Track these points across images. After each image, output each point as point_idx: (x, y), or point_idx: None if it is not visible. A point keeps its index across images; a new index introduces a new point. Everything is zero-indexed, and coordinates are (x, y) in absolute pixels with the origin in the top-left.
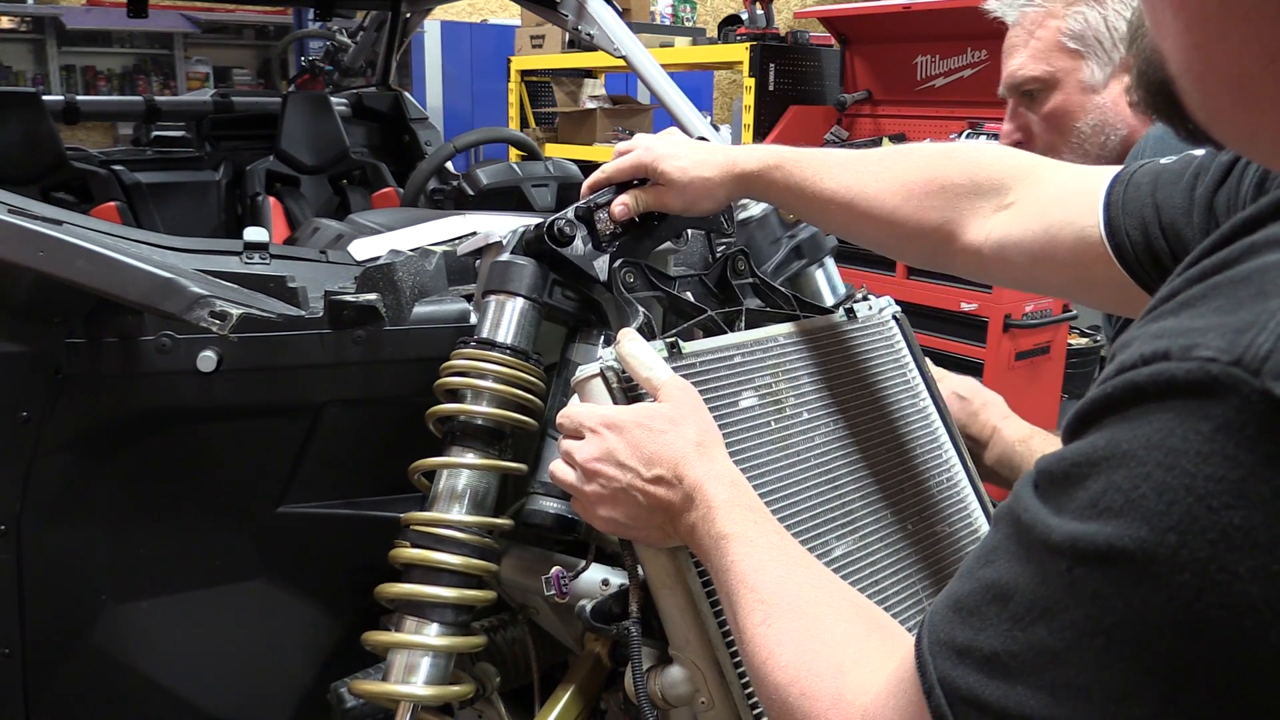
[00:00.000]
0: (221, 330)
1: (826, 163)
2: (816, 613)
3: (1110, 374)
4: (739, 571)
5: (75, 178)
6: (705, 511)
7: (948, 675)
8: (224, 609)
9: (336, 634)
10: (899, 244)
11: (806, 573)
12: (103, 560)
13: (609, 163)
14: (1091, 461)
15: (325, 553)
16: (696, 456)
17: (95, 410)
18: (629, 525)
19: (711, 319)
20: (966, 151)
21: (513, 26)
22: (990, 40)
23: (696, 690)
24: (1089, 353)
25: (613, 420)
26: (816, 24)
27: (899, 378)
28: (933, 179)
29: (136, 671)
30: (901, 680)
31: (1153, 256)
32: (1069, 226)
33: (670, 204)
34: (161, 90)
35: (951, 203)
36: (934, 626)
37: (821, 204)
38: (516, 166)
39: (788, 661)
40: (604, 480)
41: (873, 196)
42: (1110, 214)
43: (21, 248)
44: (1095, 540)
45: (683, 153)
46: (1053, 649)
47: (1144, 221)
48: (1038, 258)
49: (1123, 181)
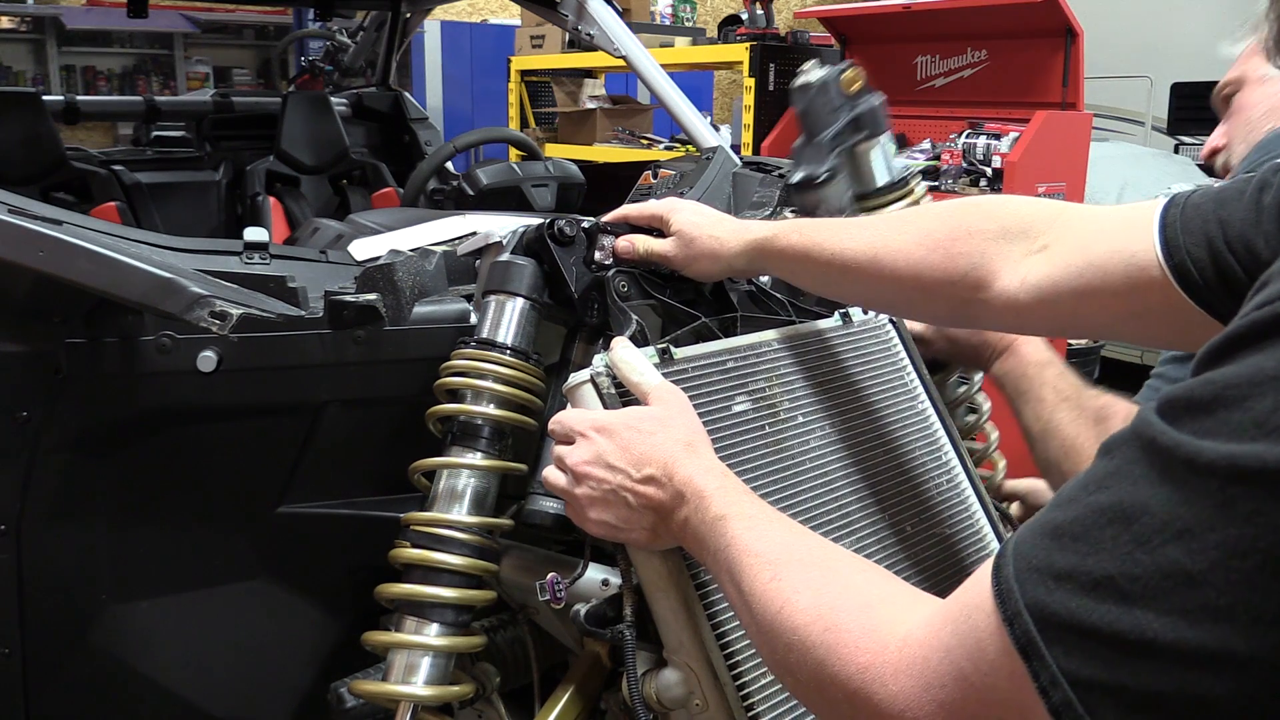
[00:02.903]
0: (221, 330)
1: (844, 224)
2: (831, 564)
3: (1272, 297)
4: (741, 543)
5: (75, 178)
6: (698, 502)
7: (1041, 601)
8: (224, 609)
9: (336, 634)
10: (926, 301)
11: (812, 536)
12: (103, 560)
13: (634, 205)
14: (1255, 382)
15: (325, 553)
16: (685, 455)
17: (95, 410)
18: (620, 528)
19: (706, 325)
20: (990, 199)
21: (513, 26)
22: (990, 40)
23: (691, 693)
24: (1089, 353)
25: (602, 424)
26: (816, 24)
27: (896, 381)
28: (957, 227)
29: (136, 671)
30: (965, 607)
31: (1220, 273)
32: (1116, 255)
33: (674, 256)
34: (161, 90)
35: (980, 249)
36: (1023, 554)
37: (840, 266)
38: (516, 166)
39: (806, 604)
40: (594, 483)
41: (895, 250)
42: (1167, 235)
43: (21, 248)
44: (1264, 458)
45: (703, 216)
46: (1188, 570)
47: (1209, 238)
48: (1082, 294)
49: (1178, 205)
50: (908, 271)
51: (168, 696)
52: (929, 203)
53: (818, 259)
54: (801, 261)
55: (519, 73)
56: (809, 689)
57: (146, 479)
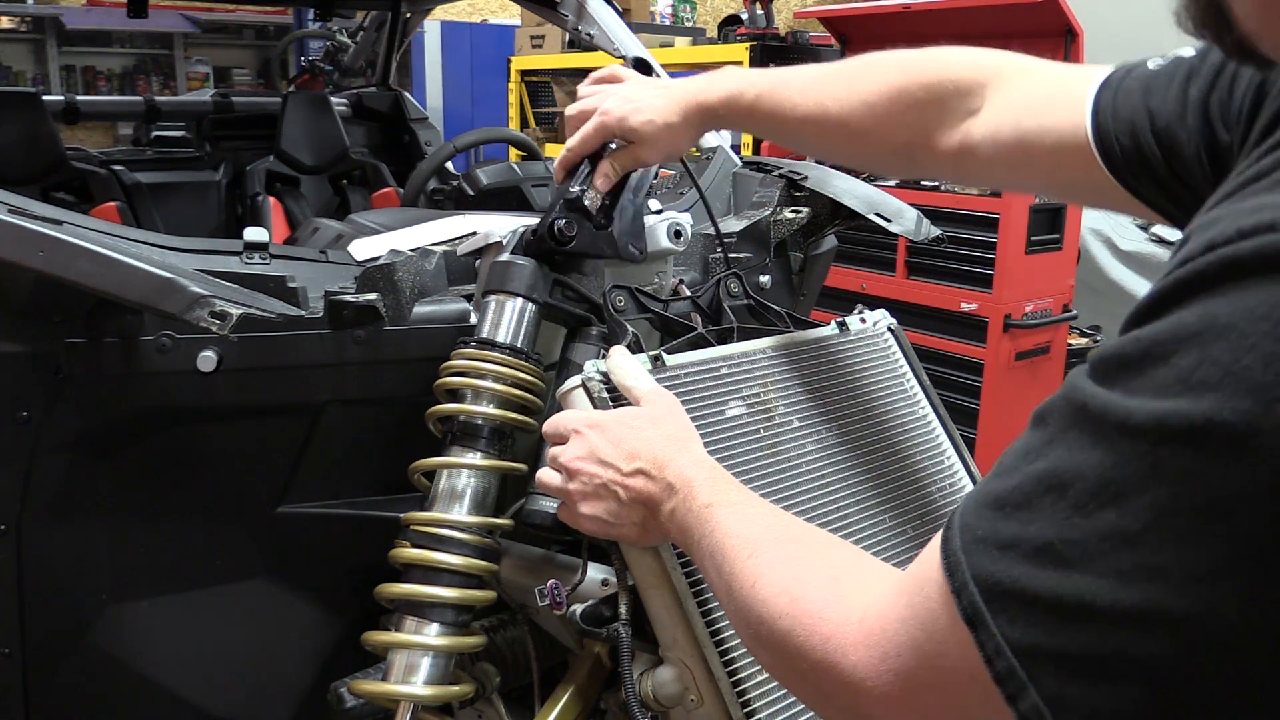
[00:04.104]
0: (221, 330)
1: (790, 87)
2: (806, 540)
3: (1195, 253)
4: (724, 528)
5: (75, 178)
6: (686, 493)
7: (986, 571)
8: (224, 609)
9: (336, 634)
10: (875, 163)
11: (795, 520)
12: (103, 560)
13: (573, 138)
14: (1179, 338)
15: (325, 553)
16: (675, 449)
17: (95, 410)
18: (611, 523)
19: (702, 336)
20: (928, 60)
21: (513, 26)
22: (990, 40)
23: (686, 689)
24: (1087, 352)
25: (595, 421)
26: (816, 24)
27: (895, 387)
28: (896, 96)
29: (136, 671)
30: (917, 580)
31: (1142, 160)
32: (1047, 134)
33: (647, 159)
34: (161, 90)
35: (916, 118)
36: (967, 525)
37: (791, 129)
38: (516, 166)
39: (776, 578)
40: (586, 477)
41: (838, 119)
42: (1099, 120)
43: (21, 248)
44: (1189, 415)
45: (643, 103)
46: (1124, 532)
47: (1134, 128)
48: (1014, 164)
49: (1111, 88)
50: (854, 138)
51: (168, 696)
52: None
53: (767, 123)
54: (752, 125)
55: (519, 73)
56: (779, 661)
57: (146, 479)
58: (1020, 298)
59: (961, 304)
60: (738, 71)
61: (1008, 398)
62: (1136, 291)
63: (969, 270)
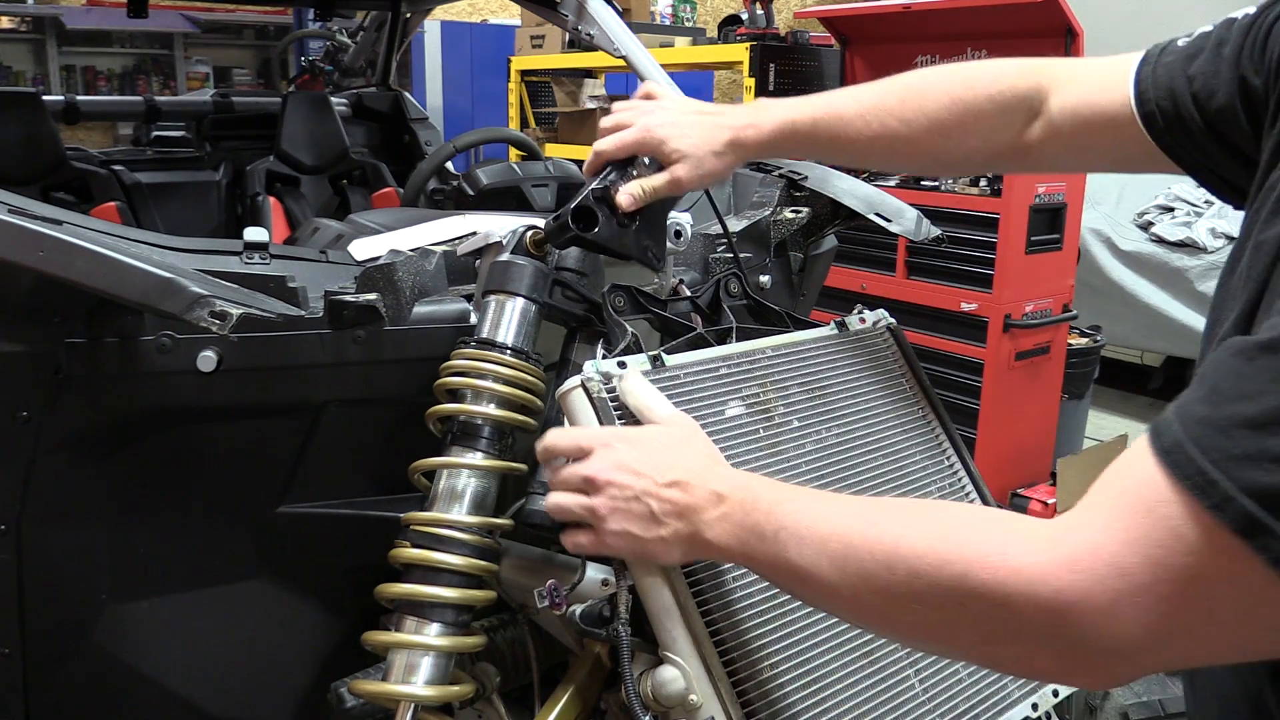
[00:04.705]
0: (221, 330)
1: (845, 112)
2: (920, 504)
3: None
4: (814, 513)
5: (75, 178)
6: (743, 496)
7: (1262, 483)
8: (224, 609)
9: (336, 634)
10: (946, 170)
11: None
12: (103, 560)
13: (608, 140)
14: None
15: (325, 553)
16: (712, 464)
17: (95, 410)
18: (643, 538)
19: (702, 336)
20: (983, 72)
21: (513, 26)
22: (990, 40)
23: (687, 689)
24: (1089, 352)
25: (624, 434)
26: (816, 24)
27: (894, 386)
28: (964, 110)
29: (136, 671)
30: (1141, 502)
31: (1180, 122)
32: (1100, 115)
33: (683, 185)
34: (161, 90)
35: (985, 125)
36: (1215, 447)
37: (858, 151)
38: (516, 166)
39: (925, 531)
40: (616, 490)
41: (907, 137)
42: (1140, 90)
43: (21, 247)
44: None
45: (687, 127)
46: None
47: (1174, 93)
48: (1077, 149)
49: (1149, 63)
50: (925, 155)
51: (168, 696)
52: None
53: (827, 152)
54: (812, 155)
55: (519, 73)
56: (944, 612)
57: (146, 479)
58: (1020, 298)
59: (961, 304)
60: (778, 102)
61: (1008, 398)
62: (1136, 291)
63: (969, 270)
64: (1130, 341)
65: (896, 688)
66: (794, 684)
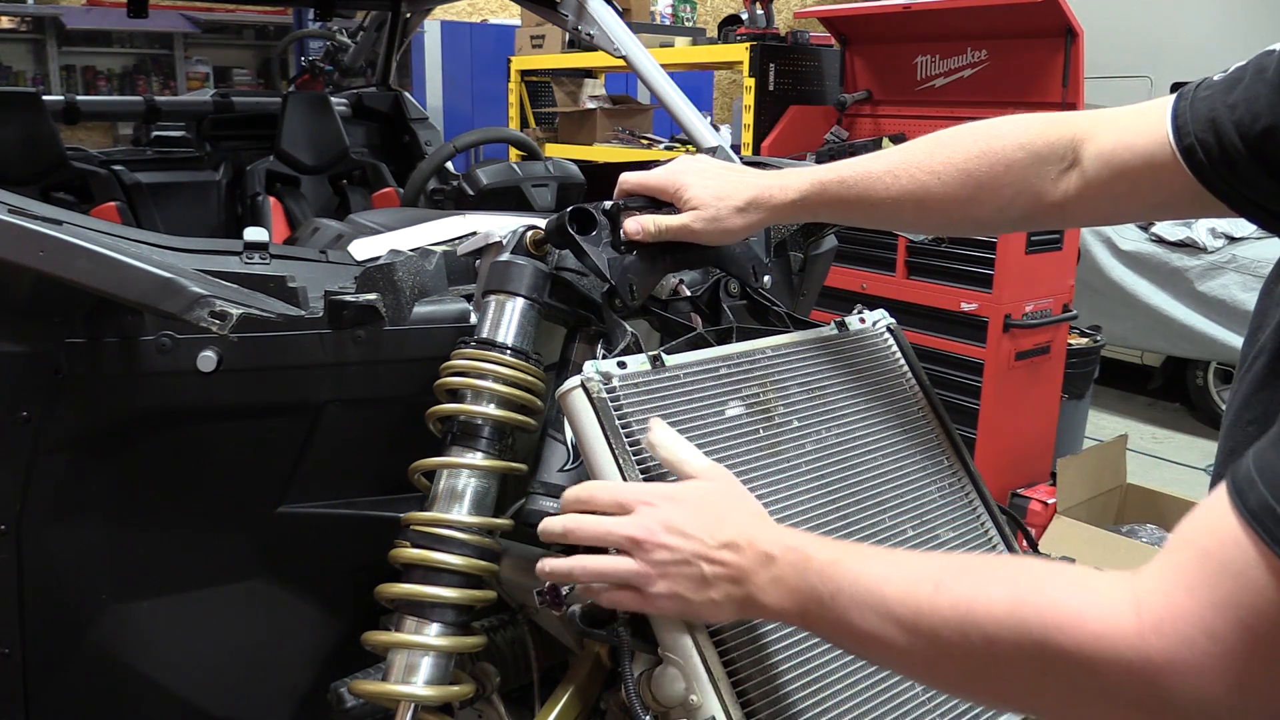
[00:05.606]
0: (221, 330)
1: (873, 173)
2: (983, 561)
3: None
4: (872, 574)
5: (75, 178)
6: (795, 557)
7: None
8: (224, 609)
9: (336, 634)
10: (979, 227)
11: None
12: (103, 560)
13: (634, 174)
14: None
15: (325, 553)
16: (762, 524)
17: (95, 410)
18: (692, 600)
19: (702, 336)
20: (1012, 125)
21: (513, 26)
22: (990, 40)
23: (687, 689)
24: (1089, 353)
25: (668, 493)
26: (816, 24)
27: (894, 386)
28: (995, 160)
29: (136, 671)
30: (1212, 562)
31: (1224, 154)
32: (1138, 158)
33: (696, 235)
34: (161, 90)
35: (1018, 177)
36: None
37: (888, 210)
38: (516, 166)
39: (1001, 595)
40: (668, 551)
41: (940, 193)
42: (1179, 124)
43: (21, 247)
44: None
45: (711, 179)
46: None
47: (1215, 123)
48: (1117, 197)
49: (1186, 98)
50: (958, 210)
51: (168, 696)
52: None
53: (856, 213)
54: (838, 217)
55: (519, 73)
56: (1025, 677)
57: (146, 479)
58: (1020, 298)
59: (961, 304)
60: (806, 168)
61: (1008, 398)
62: (1136, 291)
63: (969, 270)
64: (1130, 341)
65: (897, 687)
66: (794, 684)
